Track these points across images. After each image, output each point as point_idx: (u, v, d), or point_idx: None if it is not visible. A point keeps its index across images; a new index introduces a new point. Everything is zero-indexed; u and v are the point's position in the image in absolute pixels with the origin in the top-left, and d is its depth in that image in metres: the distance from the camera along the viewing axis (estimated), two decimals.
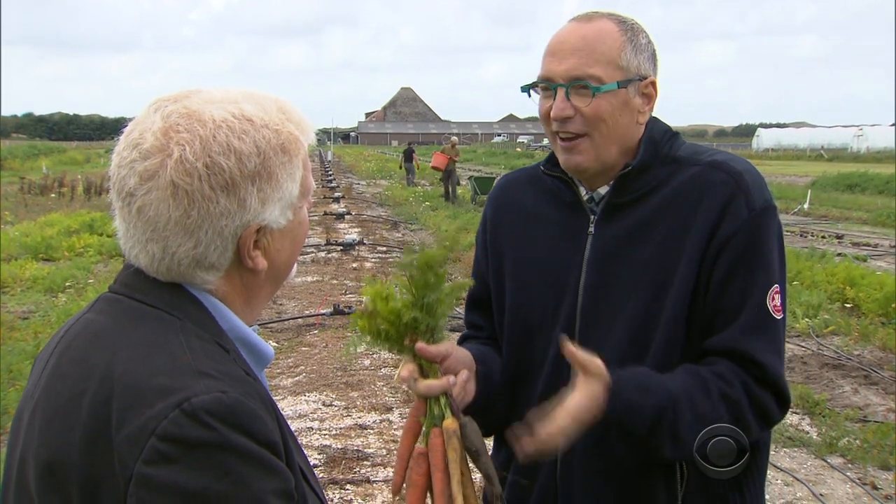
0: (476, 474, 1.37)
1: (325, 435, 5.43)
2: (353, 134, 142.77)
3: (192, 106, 1.02)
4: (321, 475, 4.72)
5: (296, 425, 5.49)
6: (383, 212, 20.74)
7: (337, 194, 23.53)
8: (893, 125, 74.26)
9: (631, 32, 1.54)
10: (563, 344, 1.39)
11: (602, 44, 1.51)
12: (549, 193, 1.67)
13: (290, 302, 9.55)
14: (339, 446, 5.21)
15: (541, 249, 1.65)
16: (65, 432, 0.96)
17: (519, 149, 70.28)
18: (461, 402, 1.45)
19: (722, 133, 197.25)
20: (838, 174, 31.08)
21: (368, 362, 7.03)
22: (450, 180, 22.98)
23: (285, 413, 2.86)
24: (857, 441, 5.36)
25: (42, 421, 1.00)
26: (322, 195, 22.87)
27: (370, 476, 4.75)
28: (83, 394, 0.96)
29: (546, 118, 1.56)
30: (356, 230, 16.19)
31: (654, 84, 1.57)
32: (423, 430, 1.39)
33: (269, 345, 1.15)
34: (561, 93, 1.51)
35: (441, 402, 1.38)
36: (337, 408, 5.97)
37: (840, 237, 16.06)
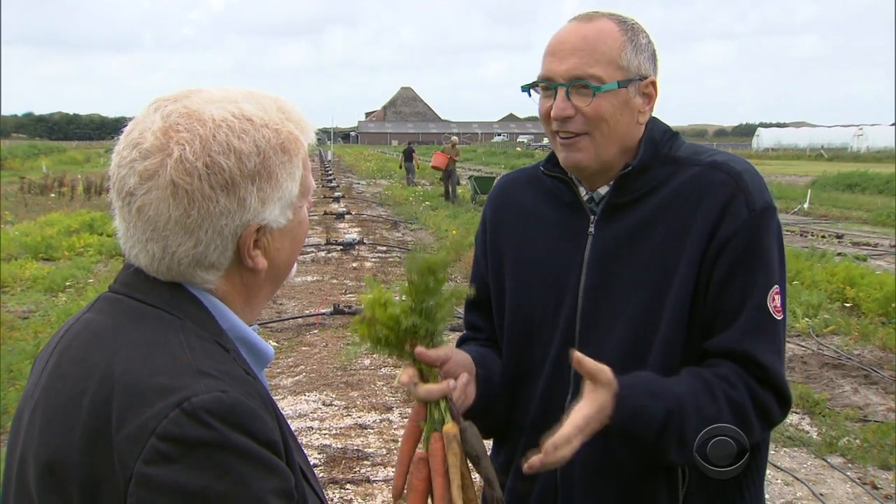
0: (476, 476, 1.37)
1: (325, 434, 5.43)
2: (353, 133, 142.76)
3: (192, 105, 1.02)
4: (321, 475, 4.72)
5: (296, 425, 5.49)
6: (383, 211, 20.74)
7: (337, 194, 23.53)
8: (893, 125, 74.27)
9: (631, 32, 1.54)
10: (572, 353, 1.38)
11: (602, 44, 1.51)
12: (549, 194, 1.67)
13: (290, 301, 9.55)
14: (339, 446, 5.21)
15: (541, 249, 1.65)
16: (65, 432, 0.96)
17: (519, 148, 70.28)
18: (461, 406, 1.45)
19: (722, 133, 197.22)
20: (838, 174, 31.08)
21: (368, 362, 7.03)
22: (450, 180, 22.98)
23: (285, 413, 2.86)
24: (857, 441, 5.36)
25: (42, 420, 1.00)
26: (322, 195, 22.88)
27: (370, 476, 4.75)
28: (83, 393, 0.96)
29: (546, 118, 1.56)
30: (356, 230, 16.20)
31: (655, 84, 1.57)
32: (424, 435, 1.38)
33: (269, 344, 1.15)
34: (561, 92, 1.51)
35: (441, 407, 1.37)
36: (337, 407, 5.97)
37: (840, 237, 16.06)
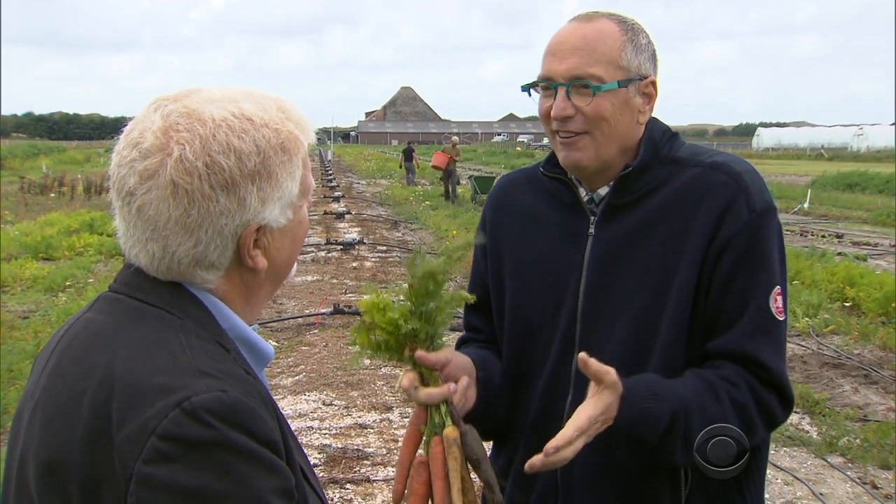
0: (476, 479, 1.37)
1: (325, 434, 5.43)
2: (353, 133, 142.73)
3: (192, 105, 1.02)
4: (321, 474, 4.72)
5: (296, 424, 5.49)
6: (383, 211, 20.74)
7: (337, 193, 23.53)
8: (893, 124, 74.27)
9: (631, 32, 1.54)
10: (578, 355, 1.37)
11: (602, 43, 1.51)
12: (549, 194, 1.67)
13: (290, 301, 9.55)
14: (339, 445, 5.21)
15: (540, 250, 1.65)
16: (65, 431, 0.96)
17: (519, 148, 70.27)
18: (462, 409, 1.45)
19: (722, 132, 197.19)
20: (838, 173, 31.07)
21: (368, 362, 7.03)
22: (450, 180, 22.98)
23: (285, 412, 2.87)
24: (857, 440, 5.36)
25: (42, 420, 1.00)
26: (322, 194, 22.88)
27: (370, 475, 4.75)
28: (83, 393, 0.96)
29: (546, 117, 1.56)
30: (356, 229, 16.20)
31: (655, 84, 1.57)
32: (424, 439, 1.38)
33: (269, 344, 1.15)
34: (561, 92, 1.51)
35: (441, 410, 1.37)
36: (337, 407, 5.97)
37: (840, 236, 16.06)
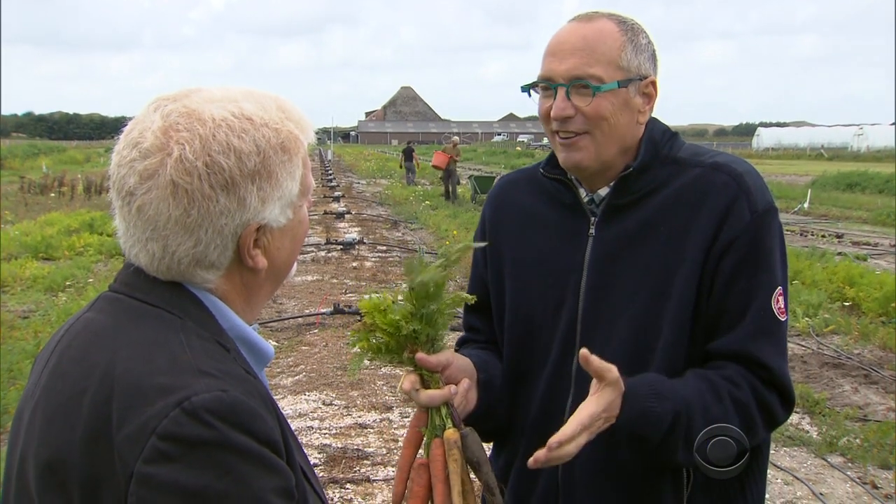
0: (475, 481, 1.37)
1: (326, 434, 5.43)
2: (353, 133, 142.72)
3: (192, 105, 1.02)
4: (321, 474, 4.72)
5: (296, 424, 5.49)
6: (383, 211, 20.74)
7: (337, 193, 23.53)
8: (893, 124, 74.26)
9: (631, 32, 1.54)
10: (580, 350, 1.37)
11: (602, 44, 1.50)
12: (549, 195, 1.67)
13: (290, 301, 9.55)
14: (340, 445, 5.21)
15: (541, 250, 1.65)
16: (65, 431, 0.96)
17: (519, 148, 70.26)
18: (462, 411, 1.45)
19: (722, 132, 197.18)
20: (838, 173, 31.06)
21: (369, 362, 7.02)
22: (450, 180, 22.98)
23: (285, 412, 2.87)
24: (858, 440, 5.37)
25: (42, 420, 1.00)
26: (322, 194, 22.88)
27: (370, 475, 4.75)
28: (84, 393, 0.96)
29: (546, 118, 1.56)
30: (356, 229, 16.20)
31: (655, 84, 1.57)
32: (425, 441, 1.38)
33: (270, 344, 1.15)
34: (561, 92, 1.51)
35: (442, 413, 1.37)
36: (337, 407, 5.97)
37: (840, 236, 16.06)
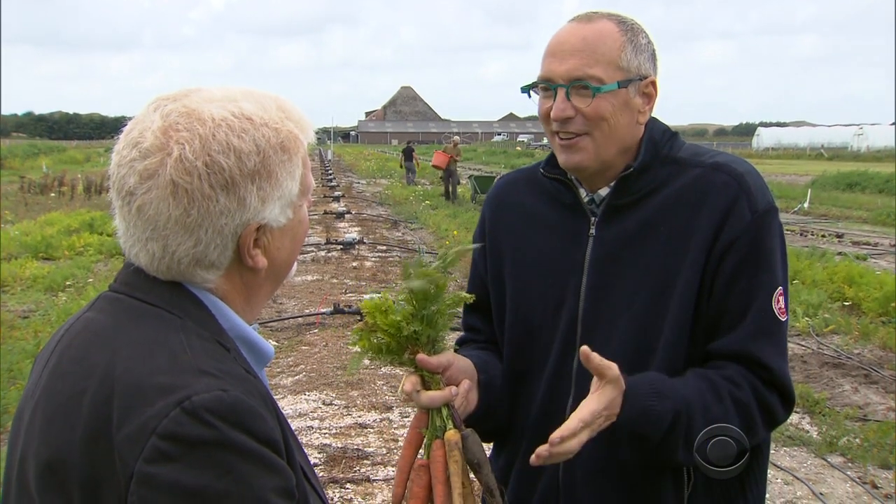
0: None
1: (326, 434, 5.43)
2: (353, 133, 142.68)
3: (192, 105, 1.02)
4: (321, 474, 4.72)
5: (296, 424, 5.49)
6: (383, 211, 20.74)
7: (337, 193, 23.52)
8: (893, 124, 74.26)
9: (631, 32, 1.54)
10: (582, 349, 1.37)
11: (602, 44, 1.50)
12: (548, 195, 1.67)
13: (290, 301, 9.55)
14: (340, 445, 5.21)
15: (541, 251, 1.65)
16: (65, 431, 0.96)
17: (519, 148, 70.28)
18: (463, 412, 1.45)
19: (722, 132, 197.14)
20: (838, 173, 31.06)
21: (369, 361, 7.02)
22: (450, 179, 22.97)
23: (285, 412, 2.87)
24: (857, 440, 5.37)
25: (42, 420, 1.00)
26: (322, 194, 22.87)
27: (370, 475, 4.75)
28: (84, 392, 0.96)
29: (546, 118, 1.56)
30: (356, 229, 16.20)
31: (655, 84, 1.57)
32: (425, 442, 1.38)
33: (269, 343, 1.15)
34: (561, 93, 1.51)
35: (443, 414, 1.37)
36: (337, 407, 5.97)
37: (840, 236, 16.05)
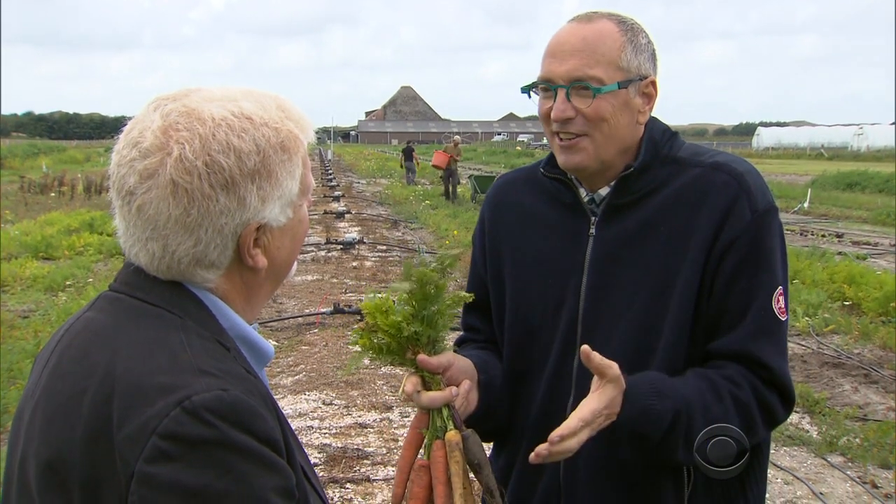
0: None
1: (326, 434, 5.43)
2: (353, 133, 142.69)
3: (192, 104, 1.02)
4: (321, 474, 4.72)
5: (296, 424, 5.49)
6: (383, 210, 20.74)
7: (337, 193, 23.52)
8: (893, 124, 74.25)
9: (631, 33, 1.53)
10: (583, 348, 1.37)
11: (602, 45, 1.50)
12: (548, 194, 1.67)
13: (290, 300, 9.55)
14: (340, 445, 5.21)
15: (541, 250, 1.65)
16: (66, 431, 0.96)
17: (519, 147, 70.24)
18: (463, 413, 1.45)
19: (722, 132, 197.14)
20: (838, 173, 31.06)
21: (368, 361, 7.01)
22: (451, 179, 22.97)
23: (285, 412, 2.87)
24: (857, 440, 5.37)
25: (43, 420, 1.00)
26: (322, 194, 22.88)
27: (370, 475, 4.75)
28: (84, 392, 0.96)
29: (546, 118, 1.56)
30: (356, 229, 16.20)
31: (655, 84, 1.57)
32: (426, 442, 1.38)
33: (269, 343, 1.15)
34: (561, 94, 1.51)
35: (444, 414, 1.37)
36: (337, 406, 5.97)
37: (840, 236, 16.05)
